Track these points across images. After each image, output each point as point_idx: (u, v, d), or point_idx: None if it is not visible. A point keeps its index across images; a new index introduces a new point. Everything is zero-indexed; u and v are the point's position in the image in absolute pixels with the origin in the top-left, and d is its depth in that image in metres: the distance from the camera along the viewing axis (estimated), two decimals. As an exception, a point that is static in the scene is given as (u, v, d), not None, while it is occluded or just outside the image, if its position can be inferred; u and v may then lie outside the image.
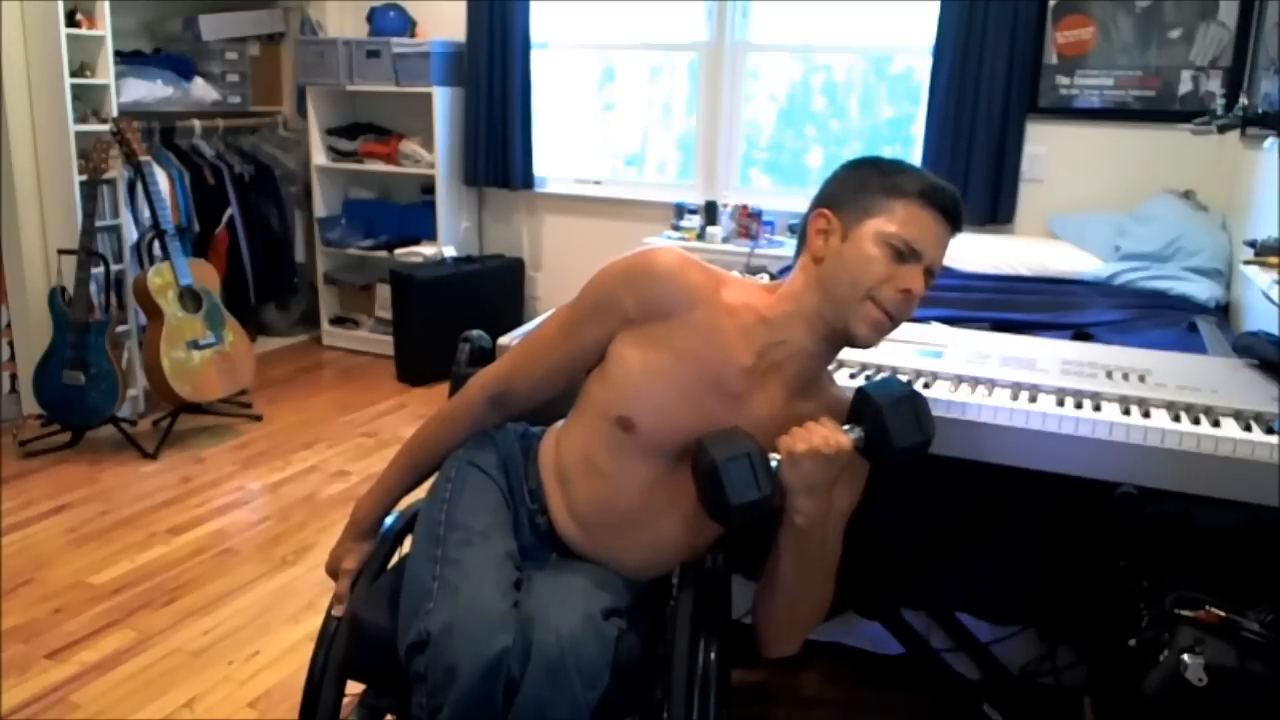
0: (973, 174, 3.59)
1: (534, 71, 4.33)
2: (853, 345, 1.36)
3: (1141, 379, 1.67)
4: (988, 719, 1.93)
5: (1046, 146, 3.61)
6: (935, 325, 2.08)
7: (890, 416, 1.28)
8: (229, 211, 4.28)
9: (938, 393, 1.60)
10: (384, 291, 4.56)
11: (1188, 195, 3.30)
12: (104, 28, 3.54)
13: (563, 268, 4.61)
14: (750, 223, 3.99)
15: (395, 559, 1.57)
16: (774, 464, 1.28)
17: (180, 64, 4.32)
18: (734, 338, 1.35)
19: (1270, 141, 2.59)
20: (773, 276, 2.37)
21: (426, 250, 4.46)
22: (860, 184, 1.35)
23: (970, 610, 1.92)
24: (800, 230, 1.41)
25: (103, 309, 3.44)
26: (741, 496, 1.25)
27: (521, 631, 1.24)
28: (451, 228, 4.56)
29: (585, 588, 1.34)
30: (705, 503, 1.29)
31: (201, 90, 4.37)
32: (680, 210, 4.16)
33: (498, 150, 4.43)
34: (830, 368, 1.50)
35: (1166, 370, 1.72)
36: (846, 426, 1.31)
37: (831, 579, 1.43)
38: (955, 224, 1.35)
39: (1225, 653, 1.23)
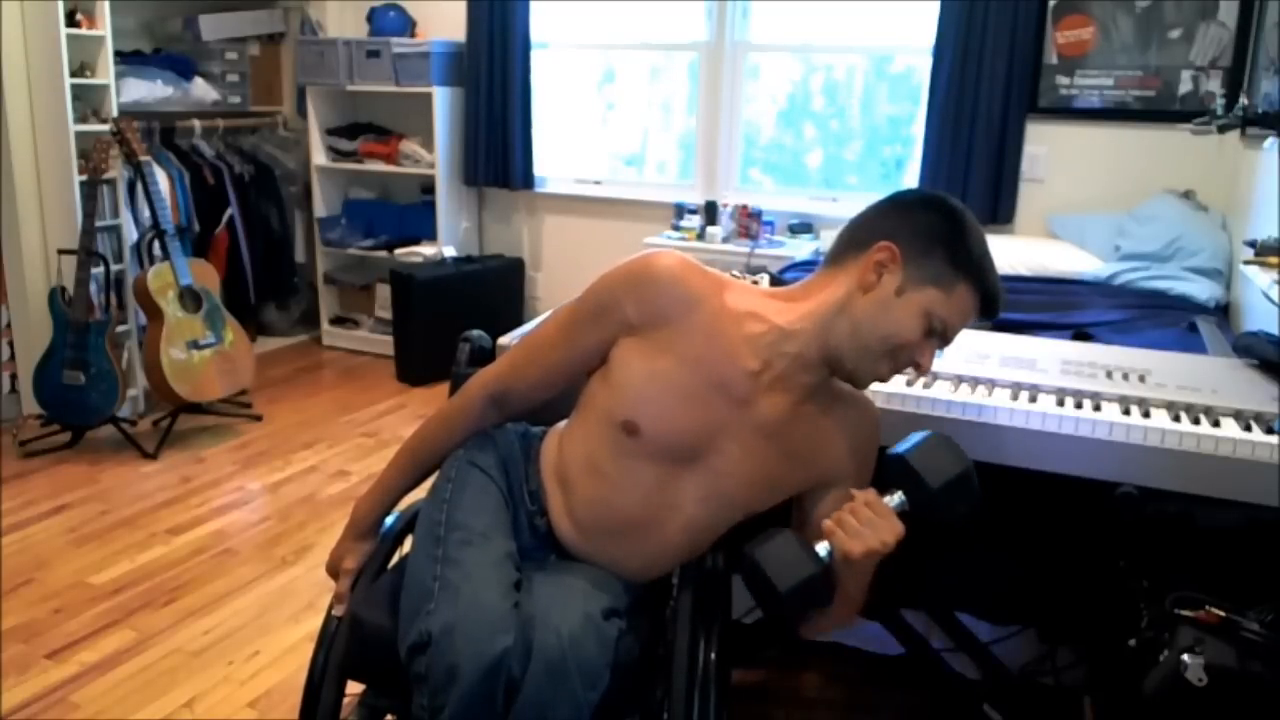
0: (973, 174, 3.59)
1: (534, 71, 4.33)
2: (848, 381, 1.38)
3: (1141, 379, 1.67)
4: (988, 719, 1.93)
5: (1046, 146, 3.61)
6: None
7: (917, 462, 1.26)
8: (229, 211, 4.28)
9: (938, 393, 1.61)
10: (384, 291, 4.56)
11: (1188, 195, 3.30)
12: (104, 28, 3.54)
13: (563, 268, 4.61)
14: (750, 223, 3.99)
15: (395, 559, 1.57)
16: (821, 552, 1.26)
17: (180, 64, 4.32)
18: (738, 341, 1.34)
19: (1270, 141, 2.59)
20: (773, 277, 2.36)
21: (426, 250, 4.46)
22: (937, 240, 1.30)
23: (970, 610, 1.92)
24: (853, 238, 1.35)
25: (103, 309, 3.44)
26: (788, 580, 1.22)
27: (522, 632, 1.24)
28: (451, 228, 4.56)
29: (585, 588, 1.33)
30: (758, 599, 1.27)
31: (201, 90, 4.37)
32: (680, 210, 4.16)
33: (498, 150, 4.43)
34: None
35: (1166, 370, 1.72)
36: (886, 497, 1.28)
37: None
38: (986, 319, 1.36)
39: (1225, 653, 1.22)
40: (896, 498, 1.28)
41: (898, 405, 1.60)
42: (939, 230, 1.30)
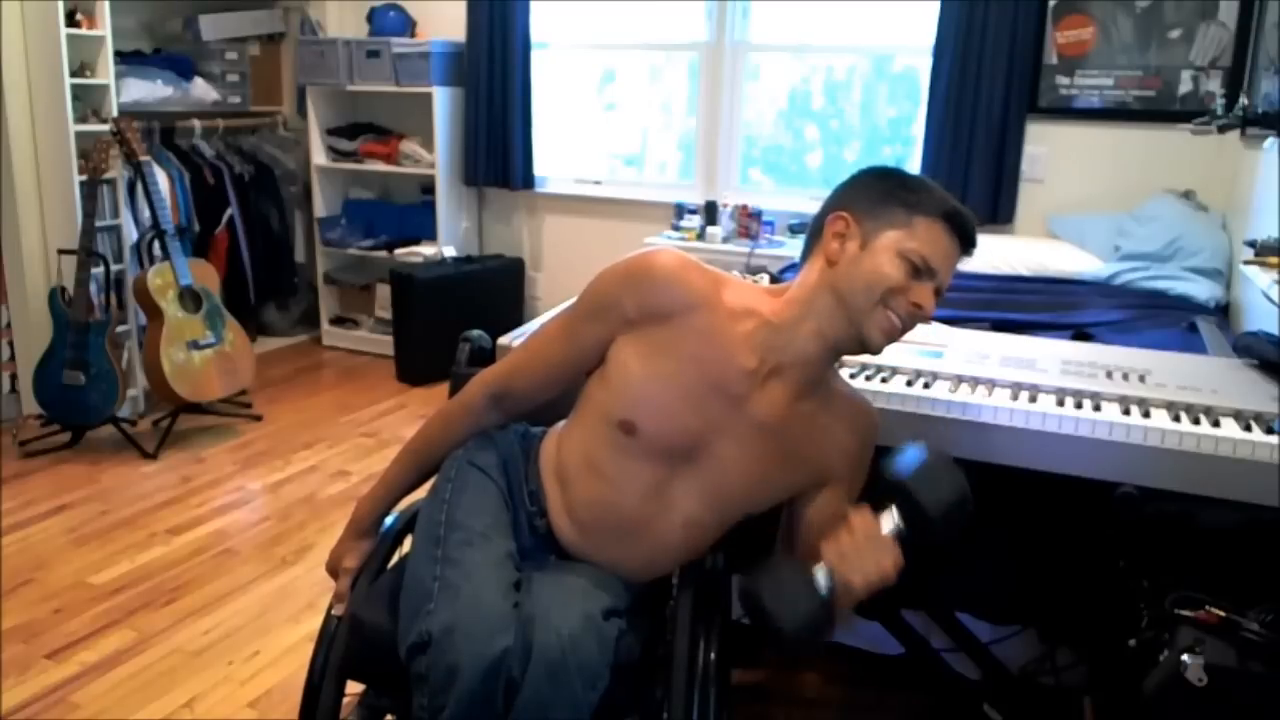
0: (973, 174, 3.59)
1: (534, 71, 4.33)
2: (863, 351, 1.37)
3: (1141, 379, 1.67)
4: (988, 719, 1.93)
5: (1046, 146, 3.61)
6: (935, 325, 2.07)
7: (917, 488, 1.22)
8: (229, 211, 4.28)
9: (937, 393, 1.60)
10: (384, 291, 4.56)
11: (1188, 195, 3.30)
12: (104, 28, 3.54)
13: (563, 268, 4.61)
14: (750, 223, 3.99)
15: (395, 559, 1.57)
16: (821, 579, 1.22)
17: (180, 64, 4.32)
18: (736, 340, 1.35)
19: (1270, 141, 2.59)
20: (773, 277, 2.36)
21: (426, 250, 4.46)
22: (883, 195, 1.34)
23: (970, 610, 1.92)
24: (813, 229, 1.40)
25: (103, 309, 3.44)
26: (793, 620, 1.19)
27: (522, 632, 1.24)
28: (451, 228, 4.56)
29: (585, 588, 1.34)
30: (761, 631, 1.23)
31: (201, 90, 4.37)
32: (680, 210, 4.15)
33: (498, 150, 4.43)
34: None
35: (1166, 370, 1.72)
36: (883, 519, 1.24)
37: None
38: (968, 248, 1.36)
39: (1225, 653, 1.23)
40: (891, 522, 1.24)
41: (898, 405, 1.60)
42: (881, 188, 1.36)
